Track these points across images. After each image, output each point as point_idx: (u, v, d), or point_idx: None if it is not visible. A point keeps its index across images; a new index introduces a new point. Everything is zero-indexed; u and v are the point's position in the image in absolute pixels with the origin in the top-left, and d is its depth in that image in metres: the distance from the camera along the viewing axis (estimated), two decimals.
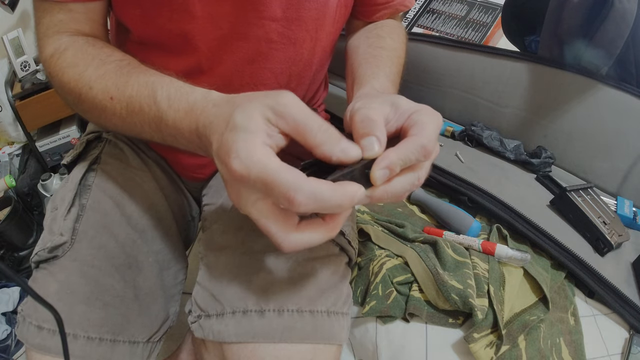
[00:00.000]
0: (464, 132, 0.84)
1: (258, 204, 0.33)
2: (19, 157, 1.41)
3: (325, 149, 0.31)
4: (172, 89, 0.40)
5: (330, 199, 0.30)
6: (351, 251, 0.57)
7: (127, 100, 0.43)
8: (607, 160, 0.77)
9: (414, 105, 0.37)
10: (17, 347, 1.06)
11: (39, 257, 0.52)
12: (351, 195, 0.30)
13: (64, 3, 0.48)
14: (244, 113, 0.32)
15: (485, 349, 0.52)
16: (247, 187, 0.32)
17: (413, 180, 0.35)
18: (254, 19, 0.50)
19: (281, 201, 0.30)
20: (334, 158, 0.32)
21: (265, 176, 0.30)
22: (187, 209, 0.68)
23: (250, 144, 0.31)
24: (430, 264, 0.59)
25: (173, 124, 0.39)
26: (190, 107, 0.38)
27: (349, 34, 0.66)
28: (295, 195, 0.29)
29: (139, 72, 0.44)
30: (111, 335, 0.50)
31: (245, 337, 0.46)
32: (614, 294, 0.60)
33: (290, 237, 0.33)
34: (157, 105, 0.40)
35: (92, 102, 0.45)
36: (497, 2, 1.05)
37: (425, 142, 0.33)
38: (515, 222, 0.66)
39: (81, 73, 0.46)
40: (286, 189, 0.29)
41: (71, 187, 0.56)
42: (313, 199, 0.30)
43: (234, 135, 0.32)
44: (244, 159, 0.31)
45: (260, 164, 0.30)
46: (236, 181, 0.32)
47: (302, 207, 0.30)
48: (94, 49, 0.48)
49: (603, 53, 0.74)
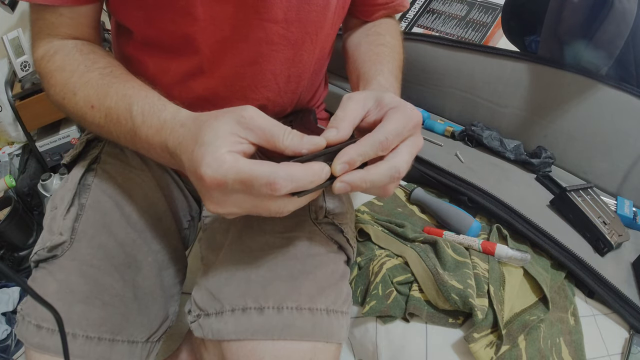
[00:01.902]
0: (464, 132, 0.84)
1: (239, 201, 0.36)
2: (19, 157, 1.41)
3: (294, 147, 0.35)
4: (146, 105, 0.43)
5: (304, 177, 0.34)
6: (349, 250, 0.57)
7: (106, 111, 0.45)
8: (607, 160, 0.77)
9: (395, 101, 0.40)
10: (17, 347, 1.06)
11: (38, 257, 0.52)
12: (319, 171, 0.35)
13: (54, 7, 0.49)
14: (210, 130, 0.35)
15: (485, 349, 0.52)
16: (225, 192, 0.35)
17: (392, 172, 0.37)
18: (255, 21, 0.50)
19: (263, 191, 0.33)
20: (303, 151, 0.35)
21: (242, 175, 0.33)
22: (187, 208, 0.68)
23: (218, 153, 0.34)
24: (430, 263, 0.58)
25: (146, 139, 0.42)
26: (160, 126, 0.41)
27: (346, 31, 0.67)
28: (275, 180, 0.33)
29: (119, 83, 0.46)
30: (110, 334, 0.50)
31: (245, 335, 0.46)
32: (614, 294, 0.60)
33: (284, 200, 0.36)
34: (132, 119, 0.43)
35: (75, 108, 0.48)
36: (497, 2, 1.05)
37: (382, 138, 0.37)
38: (515, 222, 0.66)
39: (67, 79, 0.48)
40: (265, 178, 0.33)
41: (71, 186, 0.56)
42: (289, 179, 0.33)
43: (203, 149, 0.34)
44: (216, 167, 0.34)
45: (234, 167, 0.33)
46: (213, 189, 0.35)
47: (283, 189, 0.33)
48: (80, 55, 0.49)
49: (603, 53, 0.74)
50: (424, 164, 0.76)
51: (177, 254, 0.62)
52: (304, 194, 0.36)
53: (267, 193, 0.33)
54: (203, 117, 0.38)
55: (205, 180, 0.34)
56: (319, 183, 0.35)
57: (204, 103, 0.56)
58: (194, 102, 0.55)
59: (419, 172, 0.76)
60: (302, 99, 0.64)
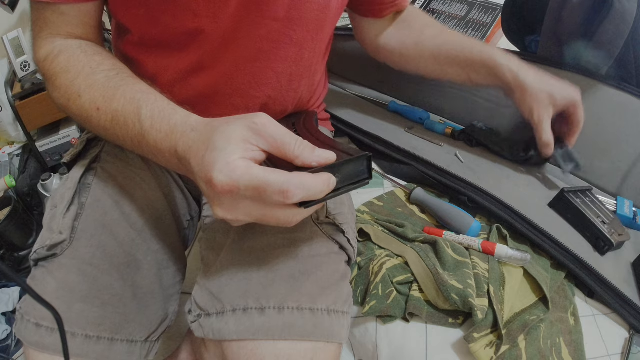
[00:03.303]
0: (464, 132, 0.84)
1: (249, 208, 0.36)
2: (19, 157, 1.41)
3: (305, 159, 0.36)
4: (155, 109, 0.43)
5: (315, 186, 0.34)
6: (350, 250, 0.57)
7: (113, 114, 0.45)
8: (607, 160, 0.77)
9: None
10: (17, 347, 1.06)
11: (38, 255, 0.52)
12: (327, 181, 0.35)
13: (56, 5, 0.49)
14: (222, 135, 0.35)
15: (485, 349, 0.52)
16: (235, 199, 0.35)
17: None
18: (257, 19, 0.50)
19: (275, 198, 0.33)
20: (313, 164, 0.36)
21: (255, 182, 0.33)
22: (187, 208, 0.68)
23: (230, 159, 0.34)
24: (430, 263, 0.58)
25: (154, 144, 0.42)
26: (170, 130, 0.41)
27: (376, 36, 0.71)
28: (289, 188, 0.33)
29: (126, 86, 0.46)
30: (109, 333, 0.50)
31: (246, 335, 0.46)
32: (614, 294, 0.60)
33: (294, 210, 0.36)
34: (140, 123, 0.43)
35: (80, 110, 0.47)
36: (497, 2, 1.05)
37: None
38: (515, 222, 0.66)
39: (72, 80, 0.47)
40: (279, 186, 0.33)
41: (71, 185, 0.56)
42: (302, 187, 0.33)
43: (215, 154, 0.34)
44: (228, 173, 0.33)
45: (247, 174, 0.33)
46: (224, 195, 0.35)
47: (295, 197, 0.33)
48: (85, 57, 0.49)
49: (603, 53, 0.74)
50: (424, 164, 0.76)
51: (177, 253, 0.62)
52: (310, 205, 0.36)
53: (278, 201, 0.34)
54: (215, 123, 0.38)
55: (216, 185, 0.34)
56: (327, 193, 0.35)
57: (204, 100, 0.56)
58: (195, 99, 0.55)
59: (419, 172, 0.76)
60: (303, 97, 0.64)
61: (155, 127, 0.42)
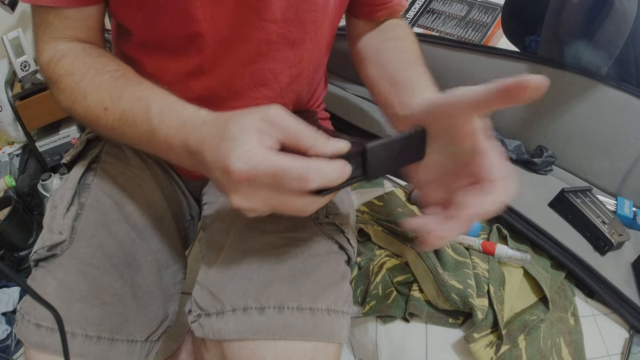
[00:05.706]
0: None
1: (266, 196, 0.35)
2: (19, 157, 1.41)
3: (319, 149, 0.35)
4: (165, 106, 0.42)
5: (332, 172, 0.34)
6: (350, 250, 0.57)
7: (121, 113, 0.44)
8: (607, 160, 0.77)
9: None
10: (17, 347, 1.06)
11: (38, 256, 0.52)
12: (343, 168, 0.35)
13: (58, 9, 0.48)
14: (237, 125, 0.35)
15: (485, 349, 0.52)
16: (253, 186, 0.35)
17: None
18: (254, 21, 0.50)
19: (293, 185, 0.33)
20: (328, 154, 0.35)
21: (274, 169, 0.33)
22: (187, 208, 0.68)
23: (247, 147, 0.34)
24: (430, 263, 0.58)
25: (165, 140, 0.41)
26: (181, 124, 0.40)
27: (356, 35, 0.65)
28: (308, 174, 0.32)
29: (134, 85, 0.45)
30: (109, 333, 0.50)
31: (246, 334, 0.46)
32: (614, 293, 0.60)
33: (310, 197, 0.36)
34: (149, 120, 0.42)
35: (86, 111, 0.47)
36: (497, 2, 1.05)
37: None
38: (515, 222, 0.66)
39: (78, 82, 0.47)
40: (298, 171, 0.33)
41: (70, 185, 0.56)
42: (321, 173, 0.33)
43: (231, 144, 0.34)
44: (246, 160, 0.33)
45: (265, 160, 0.33)
46: (242, 183, 0.34)
47: (314, 182, 0.33)
48: (90, 58, 0.49)
49: (603, 53, 0.74)
50: None
51: (177, 253, 0.62)
52: (327, 193, 0.36)
53: (297, 187, 0.33)
54: (226, 115, 0.38)
55: (234, 173, 0.33)
56: (342, 181, 0.35)
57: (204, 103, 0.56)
58: (195, 102, 0.55)
59: None
60: (302, 98, 0.64)
61: (165, 123, 0.41)
